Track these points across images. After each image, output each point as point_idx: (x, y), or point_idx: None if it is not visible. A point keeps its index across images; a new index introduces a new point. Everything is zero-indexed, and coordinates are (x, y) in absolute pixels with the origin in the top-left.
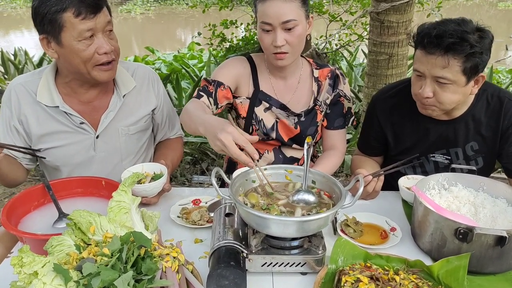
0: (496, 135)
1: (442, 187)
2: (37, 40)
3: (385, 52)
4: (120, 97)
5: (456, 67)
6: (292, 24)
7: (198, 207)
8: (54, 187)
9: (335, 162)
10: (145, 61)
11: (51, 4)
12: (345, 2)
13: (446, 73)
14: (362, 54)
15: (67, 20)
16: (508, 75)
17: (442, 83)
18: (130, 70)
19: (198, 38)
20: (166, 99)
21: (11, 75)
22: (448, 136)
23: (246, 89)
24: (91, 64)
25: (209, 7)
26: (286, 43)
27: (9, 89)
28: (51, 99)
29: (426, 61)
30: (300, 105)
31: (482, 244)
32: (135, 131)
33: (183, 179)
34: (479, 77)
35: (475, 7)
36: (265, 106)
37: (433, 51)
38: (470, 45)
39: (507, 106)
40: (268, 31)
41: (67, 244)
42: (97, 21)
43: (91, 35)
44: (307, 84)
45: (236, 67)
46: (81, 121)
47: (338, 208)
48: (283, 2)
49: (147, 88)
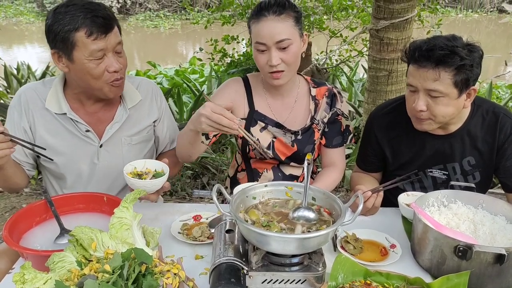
0: (492, 149)
1: (441, 204)
2: (40, 55)
3: (384, 68)
4: (126, 109)
5: (447, 79)
6: (286, 43)
7: (199, 223)
8: (56, 203)
9: (335, 178)
10: (147, 75)
11: (64, 23)
12: (345, 18)
13: (438, 86)
14: (362, 70)
15: (79, 39)
16: (508, 90)
17: (434, 97)
18: (135, 84)
19: (199, 53)
20: (167, 113)
21: (14, 89)
22: (445, 151)
23: (242, 110)
24: (102, 81)
25: (211, 22)
26: (282, 62)
27: (19, 94)
28: (59, 107)
29: (418, 75)
30: (297, 124)
31: (482, 262)
32: (137, 141)
33: (184, 193)
34: (471, 90)
35: (474, 22)
36: (261, 126)
37: (424, 64)
38: (460, 57)
39: (502, 121)
40: (263, 51)
41: (69, 260)
42: (108, 41)
43: (102, 55)
44: (304, 102)
45: (229, 91)
46: (87, 129)
47: (338, 225)
48: (276, 22)
49: (150, 100)
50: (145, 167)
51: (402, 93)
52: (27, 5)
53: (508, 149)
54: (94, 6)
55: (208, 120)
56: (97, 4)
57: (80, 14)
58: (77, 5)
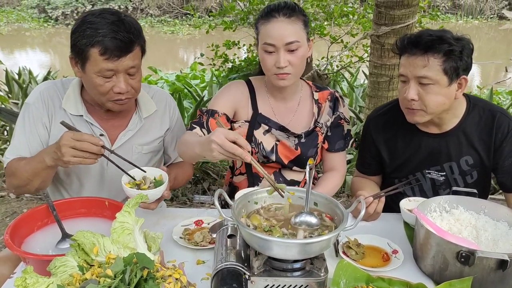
0: (489, 149)
1: (443, 210)
2: (41, 60)
3: (385, 74)
4: (141, 118)
5: (436, 66)
6: (295, 45)
7: (200, 228)
8: (58, 207)
9: (336, 183)
10: (148, 80)
11: (84, 35)
12: (346, 24)
13: (427, 72)
14: (363, 75)
15: (92, 55)
16: (508, 96)
17: (424, 84)
18: (150, 93)
19: (200, 58)
20: (178, 124)
21: (15, 94)
22: (441, 150)
23: (245, 113)
24: (106, 98)
25: (213, 28)
26: (289, 64)
27: (39, 91)
28: (76, 108)
29: (408, 64)
30: (300, 127)
31: (484, 268)
32: (148, 151)
33: (185, 198)
34: (462, 79)
35: (474, 28)
36: (264, 129)
37: (413, 52)
38: (448, 43)
39: (499, 120)
40: (270, 52)
41: (71, 265)
42: (120, 63)
43: (111, 74)
44: (307, 106)
45: (233, 93)
46: (101, 133)
47: (340, 230)
48: (286, 24)
49: (163, 110)
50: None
51: None
52: (29, 10)
53: (505, 148)
54: (120, 27)
55: (221, 148)
56: (124, 24)
57: (101, 31)
58: (105, 19)
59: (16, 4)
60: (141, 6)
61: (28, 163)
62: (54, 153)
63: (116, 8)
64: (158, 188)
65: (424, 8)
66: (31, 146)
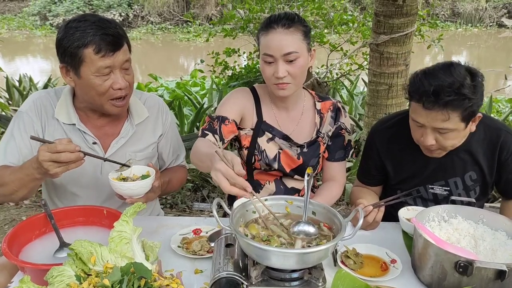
0: (492, 166)
1: (442, 219)
2: (42, 67)
3: (384, 82)
4: (133, 125)
5: (455, 118)
6: (293, 56)
7: (198, 236)
8: (56, 216)
9: (335, 193)
10: (148, 87)
11: (74, 39)
12: (346, 32)
13: (447, 125)
14: (362, 83)
15: (87, 55)
16: (508, 104)
17: (443, 133)
18: (142, 99)
19: (200, 66)
20: (172, 129)
21: (16, 101)
22: (447, 166)
23: (250, 120)
24: (105, 97)
25: (213, 35)
26: (288, 75)
27: (33, 99)
28: (68, 117)
29: (425, 115)
30: (302, 137)
31: (483, 278)
32: (141, 158)
33: (184, 206)
34: (476, 117)
35: (474, 37)
36: (268, 137)
37: (431, 106)
38: (468, 98)
39: (505, 139)
40: (270, 63)
41: (68, 274)
42: (115, 59)
43: (109, 71)
44: (310, 116)
45: (240, 100)
46: (94, 141)
47: (338, 240)
48: (284, 35)
49: (156, 116)
50: (132, 173)
51: (402, 107)
52: (30, 17)
53: (511, 164)
54: (105, 24)
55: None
56: (108, 22)
57: (90, 31)
58: (89, 21)
59: (17, 11)
60: (142, 13)
61: (13, 173)
62: (39, 168)
63: (117, 15)
64: (144, 180)
65: (423, 17)
66: (22, 153)
